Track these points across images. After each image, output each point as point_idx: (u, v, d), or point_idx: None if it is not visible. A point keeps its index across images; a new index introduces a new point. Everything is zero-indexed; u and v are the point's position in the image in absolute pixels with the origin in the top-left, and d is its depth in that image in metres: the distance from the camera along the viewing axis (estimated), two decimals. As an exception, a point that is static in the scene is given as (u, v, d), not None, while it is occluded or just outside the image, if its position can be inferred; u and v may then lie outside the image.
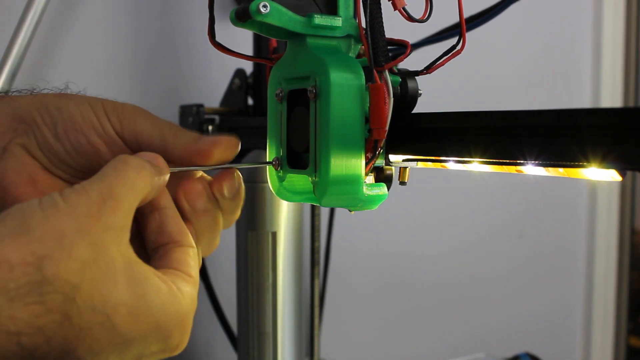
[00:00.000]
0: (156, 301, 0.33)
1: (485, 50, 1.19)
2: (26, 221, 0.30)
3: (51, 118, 0.39)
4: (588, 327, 1.43)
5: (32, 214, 0.30)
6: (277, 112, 0.44)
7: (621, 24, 1.43)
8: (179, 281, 0.35)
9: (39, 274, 0.28)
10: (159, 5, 0.86)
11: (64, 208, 0.31)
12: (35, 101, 0.40)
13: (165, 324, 0.33)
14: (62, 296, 0.29)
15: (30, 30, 0.68)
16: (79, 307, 0.29)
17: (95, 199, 0.32)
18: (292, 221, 0.72)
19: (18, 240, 0.29)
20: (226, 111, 0.80)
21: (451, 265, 1.19)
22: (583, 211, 1.42)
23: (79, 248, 0.30)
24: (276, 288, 0.70)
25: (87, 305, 0.30)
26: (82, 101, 0.40)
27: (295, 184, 0.44)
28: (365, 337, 1.12)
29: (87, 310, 0.30)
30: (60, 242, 0.29)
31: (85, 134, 0.39)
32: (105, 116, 0.40)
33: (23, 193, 0.39)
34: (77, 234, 0.30)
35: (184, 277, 0.36)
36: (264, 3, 0.38)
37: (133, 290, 0.32)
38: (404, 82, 0.43)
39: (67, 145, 0.39)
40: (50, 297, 0.28)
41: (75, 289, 0.29)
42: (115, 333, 0.31)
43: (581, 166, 0.33)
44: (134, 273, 0.32)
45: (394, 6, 0.41)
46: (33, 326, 0.28)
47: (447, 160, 0.40)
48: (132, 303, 0.31)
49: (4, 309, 0.27)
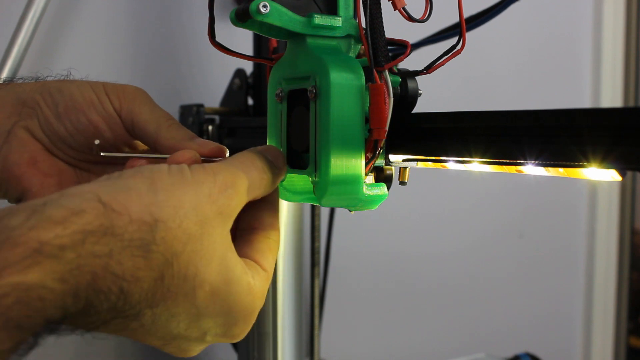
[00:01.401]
0: (236, 290, 0.35)
1: (485, 50, 1.19)
2: (154, 182, 0.32)
3: (53, 99, 0.41)
4: (588, 327, 1.43)
5: (160, 177, 0.33)
6: (277, 112, 0.44)
7: (621, 24, 1.43)
8: (256, 275, 0.37)
9: (150, 234, 0.31)
10: (159, 5, 0.86)
11: (189, 182, 0.33)
12: (38, 86, 0.42)
13: (236, 313, 0.36)
14: (163, 258, 0.31)
15: (30, 29, 0.68)
16: (174, 272, 0.32)
17: (220, 183, 0.34)
18: (292, 221, 0.72)
19: (142, 198, 0.31)
20: (226, 111, 0.80)
21: (451, 265, 1.19)
22: (583, 211, 1.42)
23: (189, 222, 0.32)
24: (276, 288, 0.70)
25: (181, 273, 0.32)
26: (83, 83, 0.42)
27: (295, 184, 0.44)
28: (365, 337, 1.12)
29: (179, 277, 0.32)
30: (176, 211, 0.32)
31: (85, 112, 0.41)
32: (105, 95, 0.42)
33: (25, 173, 0.41)
34: (192, 210, 0.33)
35: (259, 270, 0.38)
36: (264, 3, 0.38)
37: (222, 274, 0.34)
38: (404, 82, 0.43)
39: (67, 125, 0.41)
40: (153, 256, 0.31)
41: (175, 256, 0.32)
42: (193, 304, 0.33)
43: (581, 166, 0.33)
44: (226, 259, 0.34)
45: (394, 6, 0.41)
46: (134, 275, 0.30)
47: (447, 160, 0.40)
48: (216, 285, 0.34)
49: (116, 253, 0.30)
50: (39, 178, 0.41)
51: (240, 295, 0.35)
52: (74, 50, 0.80)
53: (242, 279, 0.35)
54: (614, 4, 1.40)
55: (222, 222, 0.34)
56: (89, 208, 0.29)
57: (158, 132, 0.42)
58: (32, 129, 0.41)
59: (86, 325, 0.31)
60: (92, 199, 0.30)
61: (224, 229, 0.35)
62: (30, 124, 0.41)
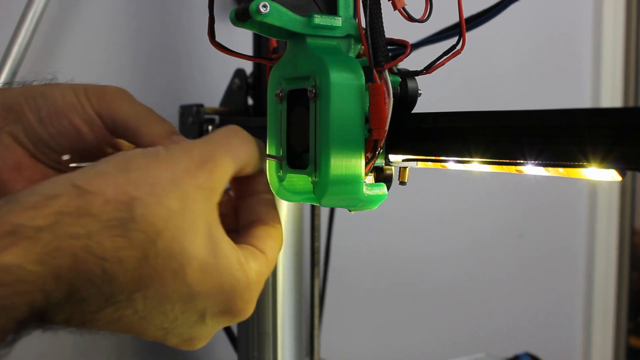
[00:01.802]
0: (225, 264, 0.34)
1: (485, 50, 1.19)
2: (128, 163, 0.32)
3: (36, 104, 0.41)
4: (588, 327, 1.43)
5: (134, 158, 0.33)
6: (277, 112, 0.44)
7: (621, 24, 1.43)
8: (249, 255, 0.37)
9: (128, 213, 0.31)
10: (159, 5, 0.86)
11: (164, 159, 0.33)
12: (24, 90, 0.42)
13: (229, 287, 0.35)
14: (144, 236, 0.31)
15: (30, 30, 0.68)
16: (158, 251, 0.32)
17: (196, 158, 0.34)
18: (292, 221, 0.72)
19: (117, 178, 0.31)
20: (226, 111, 0.80)
21: (451, 265, 1.19)
22: (583, 211, 1.42)
23: (168, 197, 0.32)
24: (276, 288, 0.70)
25: (166, 251, 0.32)
26: (66, 86, 0.42)
27: (295, 184, 0.44)
28: (365, 337, 1.12)
29: (165, 255, 0.32)
30: (153, 187, 0.32)
31: (67, 115, 0.41)
32: (85, 97, 0.41)
33: (9, 179, 0.41)
34: (170, 184, 0.32)
35: (255, 252, 0.37)
36: (264, 3, 0.38)
37: (208, 248, 0.34)
38: (404, 82, 0.43)
39: (50, 129, 0.41)
40: (133, 235, 0.31)
41: (158, 234, 0.32)
42: (184, 283, 0.33)
43: (581, 166, 0.33)
44: (212, 233, 0.34)
45: (394, 6, 0.41)
46: (115, 256, 0.30)
47: (447, 160, 0.40)
48: (204, 259, 0.33)
49: (95, 234, 0.30)
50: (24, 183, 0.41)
51: (230, 269, 0.35)
52: (74, 50, 0.80)
53: (231, 254, 0.35)
54: (614, 4, 1.40)
55: (204, 196, 0.34)
56: (64, 192, 0.30)
57: (137, 127, 0.41)
58: (17, 134, 0.41)
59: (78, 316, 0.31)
60: (66, 184, 0.30)
61: (208, 203, 0.34)
62: (15, 129, 0.41)
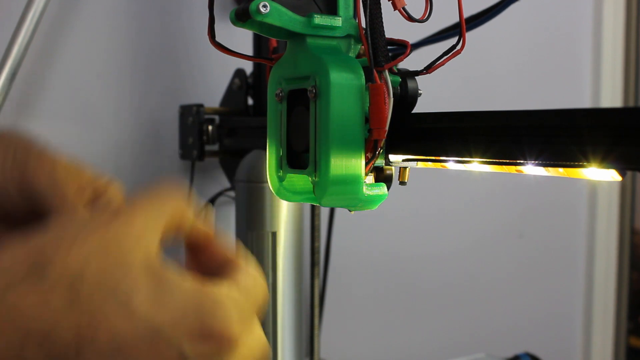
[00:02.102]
0: (177, 288, 0.30)
1: (485, 50, 1.19)
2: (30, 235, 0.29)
3: None
4: (588, 327, 1.43)
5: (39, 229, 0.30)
6: (277, 112, 0.44)
7: (621, 24, 1.43)
8: (209, 281, 0.32)
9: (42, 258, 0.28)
10: (159, 5, 0.86)
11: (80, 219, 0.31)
12: None
13: (193, 309, 0.30)
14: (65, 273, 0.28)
15: (30, 30, 0.68)
16: (88, 292, 0.28)
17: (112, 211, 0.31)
18: (292, 221, 0.72)
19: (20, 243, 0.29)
20: (226, 111, 0.80)
21: (451, 265, 1.19)
22: (583, 211, 1.42)
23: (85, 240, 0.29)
24: (276, 288, 0.70)
25: (98, 289, 0.28)
26: None
27: (295, 184, 0.44)
28: (365, 337, 1.12)
29: (99, 295, 0.28)
30: (61, 240, 0.29)
31: None
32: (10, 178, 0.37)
33: None
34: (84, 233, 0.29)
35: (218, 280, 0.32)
36: (264, 3, 0.38)
37: (150, 277, 0.30)
38: (404, 82, 0.43)
39: None
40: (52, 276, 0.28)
41: (81, 270, 0.28)
42: (136, 319, 0.29)
43: (581, 166, 0.33)
44: (151, 265, 0.30)
45: (394, 6, 0.41)
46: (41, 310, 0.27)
47: (447, 160, 0.40)
48: (151, 289, 0.29)
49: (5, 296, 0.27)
50: None
51: (187, 291, 0.30)
52: (74, 50, 0.80)
53: (183, 279, 0.30)
54: (614, 4, 1.40)
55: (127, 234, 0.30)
56: None
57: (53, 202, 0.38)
58: None
59: None
60: None
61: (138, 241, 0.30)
62: None
